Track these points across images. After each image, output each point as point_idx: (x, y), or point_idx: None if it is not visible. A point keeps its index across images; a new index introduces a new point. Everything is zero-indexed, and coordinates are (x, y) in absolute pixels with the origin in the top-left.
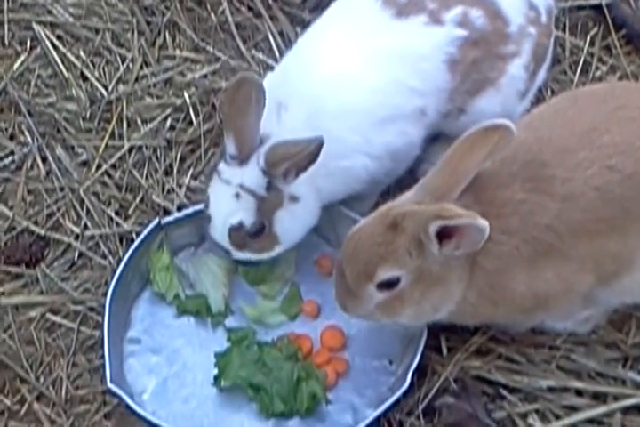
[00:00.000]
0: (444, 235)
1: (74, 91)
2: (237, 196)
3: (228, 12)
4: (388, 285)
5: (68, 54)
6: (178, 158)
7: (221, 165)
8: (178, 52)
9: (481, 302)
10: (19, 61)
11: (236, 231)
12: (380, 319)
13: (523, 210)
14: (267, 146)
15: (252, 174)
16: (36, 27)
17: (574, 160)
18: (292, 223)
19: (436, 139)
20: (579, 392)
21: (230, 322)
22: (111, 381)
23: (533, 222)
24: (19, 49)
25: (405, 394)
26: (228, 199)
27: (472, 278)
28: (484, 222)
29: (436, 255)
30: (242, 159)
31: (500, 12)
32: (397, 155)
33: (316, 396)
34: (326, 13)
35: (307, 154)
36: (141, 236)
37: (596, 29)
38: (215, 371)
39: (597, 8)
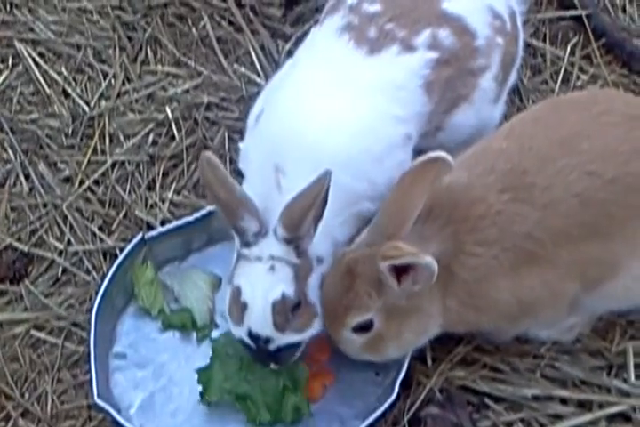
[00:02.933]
0: (400, 271)
1: (56, 107)
2: (272, 268)
3: (209, 26)
4: (363, 328)
5: (50, 71)
6: (160, 173)
7: (243, 250)
8: (159, 68)
9: (464, 310)
10: (0, 79)
11: (280, 307)
12: (371, 358)
13: (501, 221)
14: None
15: (276, 246)
16: (18, 44)
17: (554, 167)
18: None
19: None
20: (563, 401)
21: (216, 335)
22: (98, 396)
23: (513, 232)
24: (0, 66)
25: (391, 405)
26: (264, 276)
27: (450, 288)
28: (428, 259)
29: (398, 291)
30: (263, 233)
31: (467, 27)
32: (393, 181)
33: (299, 410)
34: (297, 60)
35: (322, 198)
36: (125, 251)
37: (576, 39)
38: (200, 387)
39: (577, 18)
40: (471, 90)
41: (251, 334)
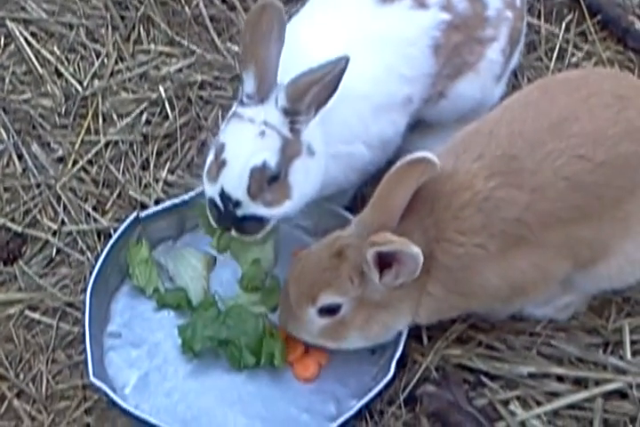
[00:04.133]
0: (384, 264)
1: (49, 87)
2: (262, 134)
3: (202, 5)
4: (329, 311)
5: (43, 51)
6: (154, 153)
7: (239, 109)
8: (152, 47)
9: (449, 296)
10: None
11: (258, 173)
12: (325, 344)
13: (488, 207)
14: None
15: (273, 113)
16: (10, 24)
17: (543, 151)
18: (305, 177)
19: (414, 128)
20: (560, 378)
21: None
22: (93, 375)
23: (500, 217)
24: None
25: (387, 384)
26: (251, 138)
27: (433, 275)
28: (415, 249)
29: (378, 285)
30: (261, 98)
31: None
32: (387, 144)
33: (272, 356)
34: (309, 3)
35: (331, 78)
36: (119, 230)
37: (571, 16)
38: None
39: None
40: (478, 59)
41: (222, 194)
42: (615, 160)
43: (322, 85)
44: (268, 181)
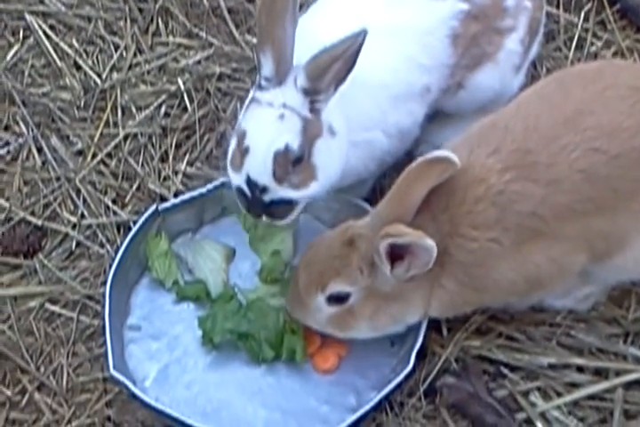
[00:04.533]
0: (395, 256)
1: (67, 80)
2: (282, 117)
3: None
4: (338, 299)
5: (61, 44)
6: (173, 145)
7: (257, 93)
8: (171, 39)
9: (463, 291)
10: (12, 52)
11: (281, 157)
12: (333, 333)
13: (502, 201)
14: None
15: (292, 95)
16: (29, 17)
17: (559, 145)
18: (328, 157)
19: (432, 119)
20: (580, 369)
21: None
22: (114, 368)
23: (515, 211)
24: (11, 39)
25: (407, 376)
26: (272, 122)
27: (447, 269)
28: (430, 242)
29: (388, 277)
30: (279, 80)
31: None
32: (405, 134)
33: (294, 352)
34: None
35: (351, 53)
36: (139, 223)
37: (590, 5)
38: (200, 333)
39: None
40: (496, 49)
41: (249, 181)
42: (630, 153)
43: (343, 61)
44: (293, 163)
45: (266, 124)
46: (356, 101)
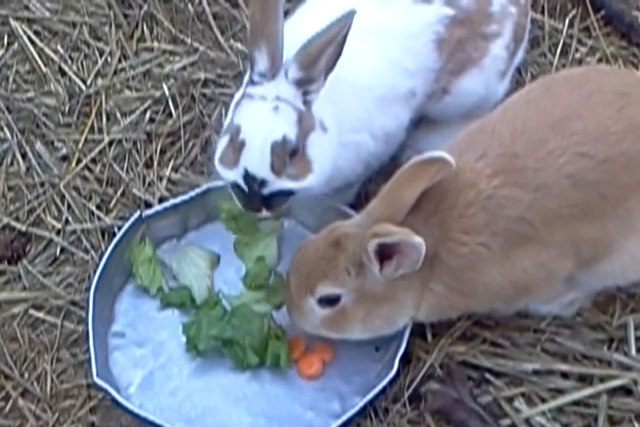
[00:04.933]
0: (384, 256)
1: (52, 86)
2: (276, 109)
3: (205, 2)
4: (329, 301)
5: (46, 49)
6: (158, 151)
7: (249, 89)
8: (156, 44)
9: (451, 295)
10: None
11: (279, 148)
12: (327, 335)
13: (491, 205)
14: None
15: (285, 87)
16: (13, 22)
17: (546, 149)
18: (321, 151)
19: (418, 125)
20: (564, 375)
21: None
22: (97, 375)
23: (504, 216)
24: None
25: (391, 381)
26: (267, 115)
27: (436, 273)
28: (418, 239)
29: (378, 277)
30: (273, 73)
31: None
32: (391, 137)
33: (278, 357)
34: None
35: (343, 36)
36: (123, 229)
37: (574, 11)
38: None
39: None
40: (482, 55)
41: (246, 176)
42: (618, 157)
43: (335, 45)
44: (290, 155)
45: (261, 117)
46: (344, 103)
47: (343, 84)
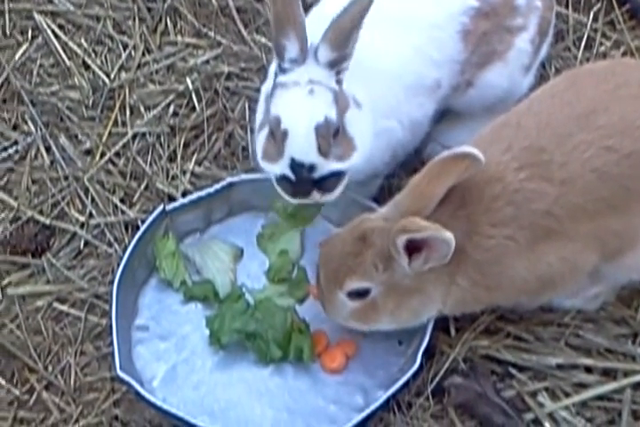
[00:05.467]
0: (412, 249)
1: (76, 79)
2: (312, 92)
3: None
4: (358, 294)
5: (70, 43)
6: (181, 144)
7: (279, 78)
8: (179, 38)
9: (476, 289)
10: (20, 51)
11: (323, 130)
12: (357, 326)
13: (518, 199)
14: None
15: (316, 69)
16: (37, 16)
17: (571, 143)
18: (360, 128)
19: (442, 118)
20: (588, 369)
21: None
22: (120, 368)
23: (530, 209)
24: (20, 39)
25: (414, 375)
26: (304, 99)
27: (463, 268)
28: (448, 235)
29: (406, 269)
30: (303, 58)
31: None
32: (416, 126)
33: (302, 351)
34: None
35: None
36: (146, 223)
37: (599, 5)
38: (207, 332)
39: None
40: (507, 48)
41: (293, 164)
42: None
43: (364, 17)
44: (333, 135)
45: (299, 103)
46: (375, 90)
47: (373, 72)
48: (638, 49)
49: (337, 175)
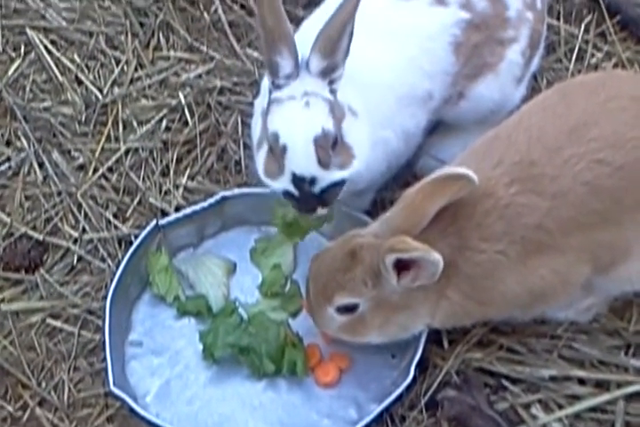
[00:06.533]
0: (402, 267)
1: (69, 95)
2: (307, 104)
3: (220, 10)
4: (347, 309)
5: (63, 58)
6: (174, 159)
7: (274, 94)
8: (172, 53)
9: (468, 303)
10: (13, 67)
11: (322, 141)
12: (347, 339)
13: (509, 214)
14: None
15: (309, 80)
16: (30, 32)
17: (562, 157)
18: (358, 135)
19: (434, 131)
20: (581, 381)
21: None
22: (114, 384)
23: (521, 224)
24: (13, 55)
25: (408, 388)
26: (300, 112)
27: (453, 281)
28: (436, 256)
29: (395, 286)
30: (297, 73)
31: None
32: (410, 137)
33: (295, 364)
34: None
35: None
36: (139, 238)
37: (590, 16)
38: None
39: None
40: (498, 60)
41: (295, 178)
42: (634, 164)
43: (352, 23)
44: (332, 146)
45: (296, 117)
46: (371, 100)
47: (367, 83)
48: (630, 60)
49: (336, 186)
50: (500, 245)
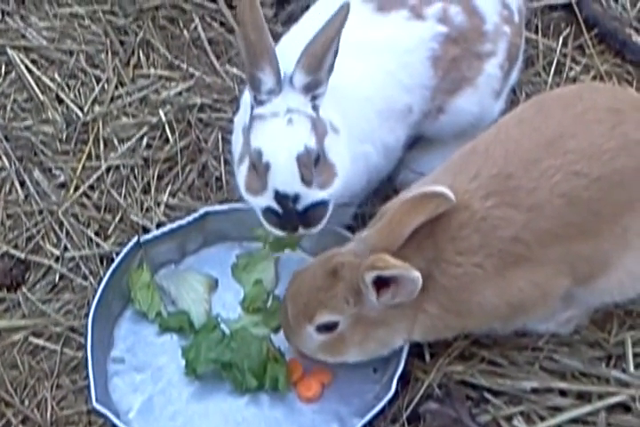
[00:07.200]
0: (381, 284)
1: (50, 113)
2: (290, 121)
3: (200, 28)
4: (327, 328)
5: (43, 77)
6: (155, 176)
7: (257, 110)
8: (152, 71)
9: (446, 315)
10: None
11: (304, 159)
12: (325, 359)
13: (485, 227)
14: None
15: (293, 96)
16: (10, 51)
17: (539, 169)
18: (339, 153)
19: (413, 145)
20: (563, 393)
21: None
22: (97, 401)
23: (497, 236)
24: None
25: (390, 402)
26: (283, 130)
27: (430, 294)
28: (415, 274)
29: (375, 303)
30: (279, 88)
31: (477, 9)
32: (390, 151)
33: (277, 380)
34: (308, 13)
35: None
36: (121, 255)
37: (568, 30)
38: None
39: (568, 7)
40: (476, 74)
41: (277, 196)
42: (611, 175)
43: (337, 41)
44: (315, 163)
45: (279, 134)
46: (350, 115)
47: (347, 97)
48: (608, 73)
49: (321, 205)
50: (476, 257)
